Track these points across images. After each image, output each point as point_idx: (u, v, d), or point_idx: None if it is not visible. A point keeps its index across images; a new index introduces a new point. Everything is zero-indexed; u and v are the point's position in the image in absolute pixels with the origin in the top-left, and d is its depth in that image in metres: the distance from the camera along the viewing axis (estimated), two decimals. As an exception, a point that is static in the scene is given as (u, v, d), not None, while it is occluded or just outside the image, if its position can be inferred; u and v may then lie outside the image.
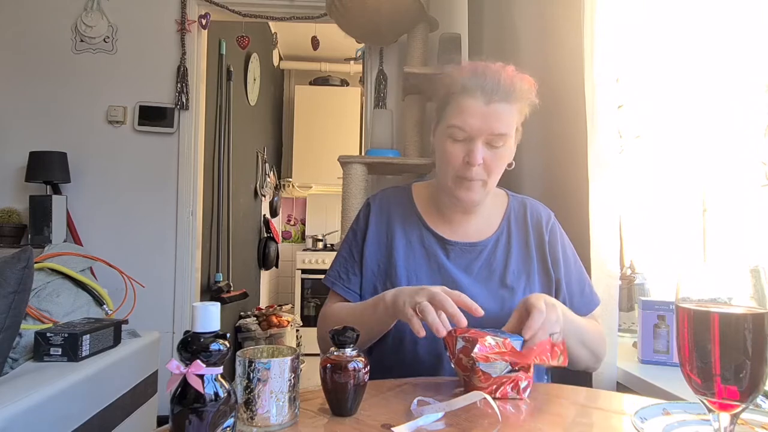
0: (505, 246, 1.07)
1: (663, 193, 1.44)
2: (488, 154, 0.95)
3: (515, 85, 0.95)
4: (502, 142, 0.95)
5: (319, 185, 5.08)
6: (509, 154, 0.99)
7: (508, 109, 0.94)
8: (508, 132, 0.95)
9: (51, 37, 2.73)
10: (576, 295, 1.07)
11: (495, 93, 0.93)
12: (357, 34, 2.36)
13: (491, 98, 0.93)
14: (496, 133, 0.94)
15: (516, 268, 1.04)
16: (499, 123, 0.93)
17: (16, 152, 2.64)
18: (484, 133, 0.94)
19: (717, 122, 1.25)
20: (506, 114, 0.94)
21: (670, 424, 0.66)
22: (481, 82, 0.94)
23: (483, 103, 0.93)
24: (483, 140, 0.95)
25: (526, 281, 1.04)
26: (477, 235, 1.08)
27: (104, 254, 2.02)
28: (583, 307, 1.07)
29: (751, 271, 0.53)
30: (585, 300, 1.08)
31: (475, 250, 1.06)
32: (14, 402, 1.06)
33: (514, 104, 0.95)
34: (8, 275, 1.20)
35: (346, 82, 5.11)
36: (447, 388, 0.85)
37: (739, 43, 1.19)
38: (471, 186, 0.98)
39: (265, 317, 3.87)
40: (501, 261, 1.05)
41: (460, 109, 0.94)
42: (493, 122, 0.93)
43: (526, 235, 1.08)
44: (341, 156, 2.10)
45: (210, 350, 0.56)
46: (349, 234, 1.14)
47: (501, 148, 0.96)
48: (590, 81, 1.22)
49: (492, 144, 0.95)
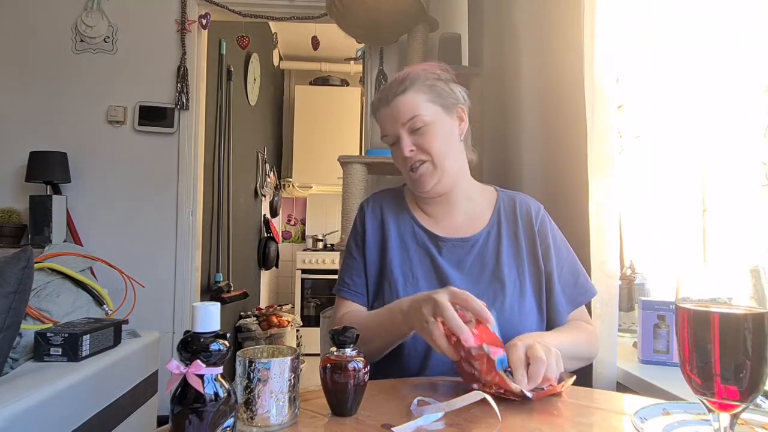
0: (495, 239, 1.09)
1: (663, 193, 1.44)
2: (416, 139, 1.05)
3: (405, 76, 1.06)
4: (420, 123, 1.04)
5: (319, 185, 5.08)
6: (440, 130, 1.05)
7: (404, 97, 1.04)
8: (416, 113, 1.04)
9: (51, 37, 2.73)
10: (569, 285, 1.08)
11: (389, 93, 1.06)
12: (357, 34, 2.36)
13: (388, 98, 1.06)
14: (405, 120, 1.04)
15: (507, 261, 1.06)
16: (402, 111, 1.04)
17: (16, 152, 2.65)
18: (398, 126, 1.05)
19: (717, 122, 1.25)
20: (404, 101, 1.04)
21: (670, 424, 0.66)
22: (381, 95, 1.08)
23: (386, 106, 1.06)
24: (405, 132, 1.05)
25: (517, 274, 1.06)
26: (468, 230, 1.10)
27: (104, 254, 2.02)
28: (578, 297, 1.08)
29: (751, 271, 0.53)
30: (579, 290, 1.09)
31: (467, 244, 1.08)
32: (14, 402, 1.06)
33: (408, 90, 1.05)
34: (8, 275, 1.20)
35: (346, 82, 5.11)
36: (447, 388, 0.85)
37: (739, 44, 1.19)
38: (419, 171, 1.05)
39: (265, 317, 3.87)
40: (492, 255, 1.07)
41: (380, 123, 1.09)
42: (397, 114, 1.04)
43: (516, 228, 1.10)
44: (341, 156, 2.10)
45: (210, 350, 0.56)
46: (350, 242, 1.16)
47: (423, 128, 1.04)
48: (590, 81, 1.22)
49: (413, 128, 1.04)
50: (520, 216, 1.11)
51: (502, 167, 1.48)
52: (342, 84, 5.08)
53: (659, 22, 1.43)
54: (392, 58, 2.54)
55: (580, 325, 1.07)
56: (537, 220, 1.11)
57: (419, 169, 1.05)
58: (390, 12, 2.10)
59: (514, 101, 1.45)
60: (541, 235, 1.09)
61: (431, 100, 1.05)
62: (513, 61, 1.46)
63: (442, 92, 1.07)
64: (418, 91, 1.05)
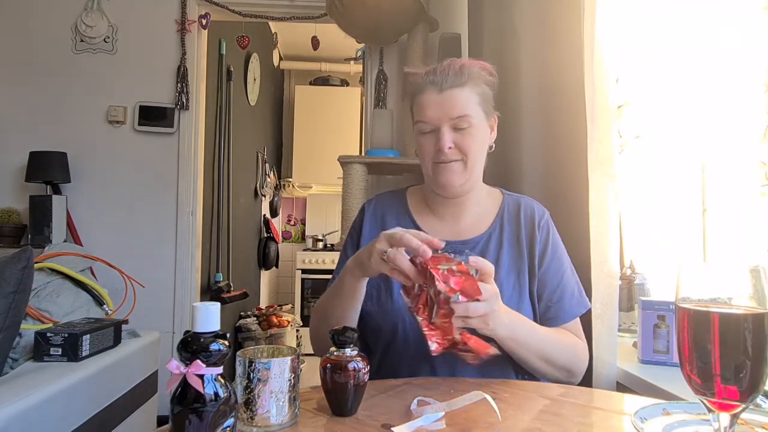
0: (497, 243, 1.08)
1: (663, 192, 1.44)
2: (457, 137, 1.02)
3: (463, 69, 1.03)
4: (466, 123, 1.01)
5: (319, 185, 5.08)
6: (480, 134, 1.04)
7: (460, 92, 1.01)
8: (466, 112, 1.01)
9: (51, 37, 2.73)
10: (566, 295, 1.05)
11: (444, 82, 1.01)
12: (357, 34, 2.36)
13: (442, 87, 1.01)
14: (455, 116, 1.01)
15: (507, 266, 1.05)
16: (454, 106, 1.01)
17: (16, 152, 2.65)
18: (444, 119, 1.01)
19: (717, 122, 1.25)
20: (459, 96, 1.01)
21: (670, 424, 0.66)
22: (432, 77, 1.03)
23: (436, 93, 1.02)
24: (448, 126, 1.01)
25: (516, 279, 1.05)
26: (469, 232, 1.09)
27: (104, 254, 2.02)
28: (574, 308, 1.06)
29: (751, 271, 0.53)
30: (575, 301, 1.06)
31: (466, 247, 1.07)
32: (14, 402, 1.06)
33: (465, 86, 1.02)
34: (8, 275, 1.20)
35: (346, 82, 5.11)
36: (447, 388, 0.85)
37: (739, 44, 1.19)
38: (449, 167, 1.03)
39: (265, 317, 3.87)
40: (492, 258, 1.05)
41: (420, 106, 1.04)
42: (448, 107, 1.01)
43: (518, 232, 1.09)
44: (341, 156, 2.10)
45: (210, 350, 0.56)
46: (347, 239, 1.17)
47: (467, 129, 1.01)
48: (590, 81, 1.22)
49: (457, 127, 1.01)
50: (524, 219, 1.10)
51: (502, 167, 1.48)
52: (342, 84, 5.08)
53: (659, 22, 1.43)
54: (392, 58, 2.54)
55: (568, 334, 1.05)
56: (540, 225, 1.09)
57: (450, 166, 1.03)
58: (390, 12, 2.10)
59: (514, 101, 1.45)
60: (542, 242, 1.08)
61: (479, 103, 1.03)
62: (513, 62, 1.46)
63: (488, 98, 1.06)
64: (473, 90, 1.02)
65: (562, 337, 1.03)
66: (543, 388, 0.89)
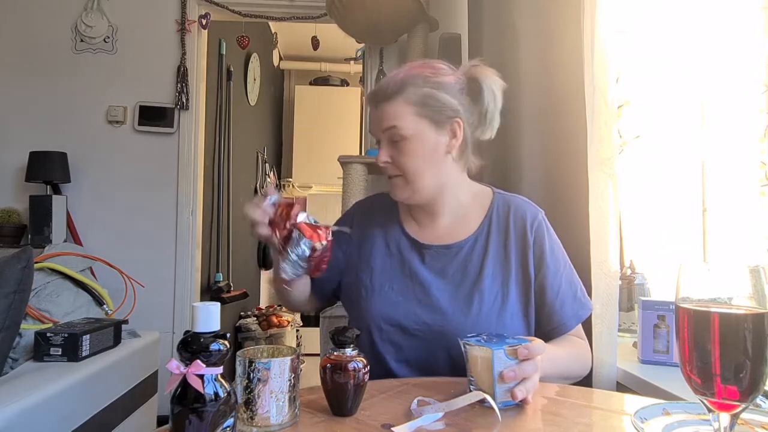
0: (482, 247, 1.03)
1: (663, 192, 1.44)
2: (393, 151, 1.00)
3: (396, 79, 1.00)
4: (398, 137, 0.99)
5: (319, 185, 5.08)
6: (420, 145, 0.99)
7: (388, 105, 0.99)
8: (397, 124, 0.98)
9: (51, 37, 2.73)
10: (569, 299, 1.03)
11: (377, 96, 1.01)
12: (357, 34, 2.36)
13: (377, 102, 1.01)
14: (385, 128, 1.00)
15: (492, 271, 1.01)
16: (385, 119, 1.00)
17: (16, 152, 2.65)
18: (379, 132, 1.02)
19: (717, 122, 1.25)
20: (389, 110, 0.99)
21: (670, 424, 0.66)
22: (373, 90, 1.04)
23: (374, 108, 1.02)
24: (386, 140, 1.01)
25: (501, 284, 1.01)
26: (453, 236, 1.05)
27: (104, 254, 2.02)
28: (579, 311, 1.04)
29: (751, 271, 0.53)
30: (577, 305, 1.04)
31: (450, 252, 1.04)
32: (14, 402, 1.06)
33: (395, 98, 0.99)
34: (8, 275, 1.20)
35: (346, 82, 5.11)
36: (447, 388, 0.85)
37: (739, 43, 1.19)
38: (393, 182, 1.04)
39: (265, 317, 3.87)
40: (477, 263, 1.02)
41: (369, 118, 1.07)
42: (381, 121, 1.00)
43: (506, 236, 1.04)
44: (341, 156, 2.10)
45: (210, 350, 0.56)
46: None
47: (400, 143, 0.99)
48: (590, 81, 1.22)
49: (392, 140, 1.00)
50: (514, 223, 1.05)
51: (502, 167, 1.48)
52: (342, 84, 5.08)
53: (659, 22, 1.43)
54: (392, 58, 2.54)
55: (576, 342, 1.04)
56: (532, 228, 1.04)
57: (393, 181, 1.03)
58: (390, 12, 2.10)
59: (514, 101, 1.44)
60: (537, 245, 1.03)
61: (418, 113, 0.98)
62: (513, 62, 1.46)
63: (435, 104, 0.98)
64: (407, 100, 0.98)
65: (575, 351, 1.02)
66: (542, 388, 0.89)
